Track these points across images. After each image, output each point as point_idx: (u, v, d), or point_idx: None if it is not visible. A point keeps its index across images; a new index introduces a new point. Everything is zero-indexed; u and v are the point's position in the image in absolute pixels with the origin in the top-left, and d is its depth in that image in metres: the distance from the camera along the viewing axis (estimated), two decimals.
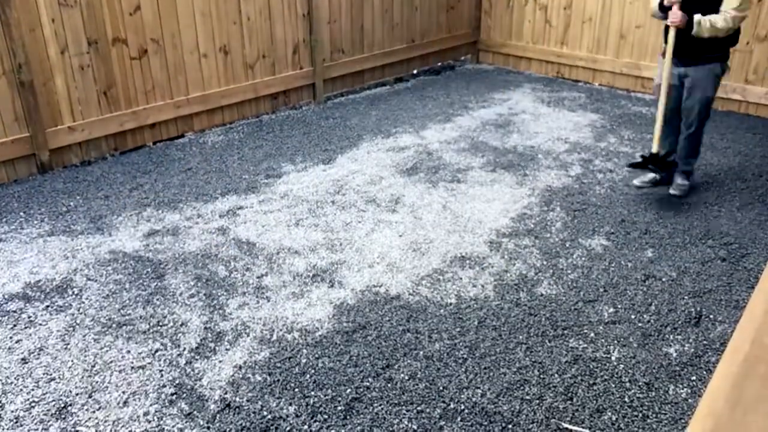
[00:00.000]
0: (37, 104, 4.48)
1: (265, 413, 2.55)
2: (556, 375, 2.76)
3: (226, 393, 2.66)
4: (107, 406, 2.60)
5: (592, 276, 3.48)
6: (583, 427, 2.49)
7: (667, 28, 4.05)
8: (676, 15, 3.89)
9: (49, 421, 2.52)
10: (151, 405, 2.60)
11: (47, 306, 3.20)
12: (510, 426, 2.49)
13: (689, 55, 4.02)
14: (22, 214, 4.11)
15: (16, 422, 2.51)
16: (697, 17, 3.84)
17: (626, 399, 2.63)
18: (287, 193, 4.41)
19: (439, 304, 3.23)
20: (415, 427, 2.49)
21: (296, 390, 2.67)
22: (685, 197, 4.34)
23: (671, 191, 4.35)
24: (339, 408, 2.58)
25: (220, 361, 2.84)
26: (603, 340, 2.98)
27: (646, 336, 3.01)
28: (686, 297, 3.31)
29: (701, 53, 4.00)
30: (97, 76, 4.78)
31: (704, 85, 4.07)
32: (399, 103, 6.32)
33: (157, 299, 3.26)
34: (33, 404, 2.60)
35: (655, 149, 4.28)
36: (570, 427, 2.49)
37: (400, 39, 7.00)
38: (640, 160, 4.36)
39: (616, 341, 2.97)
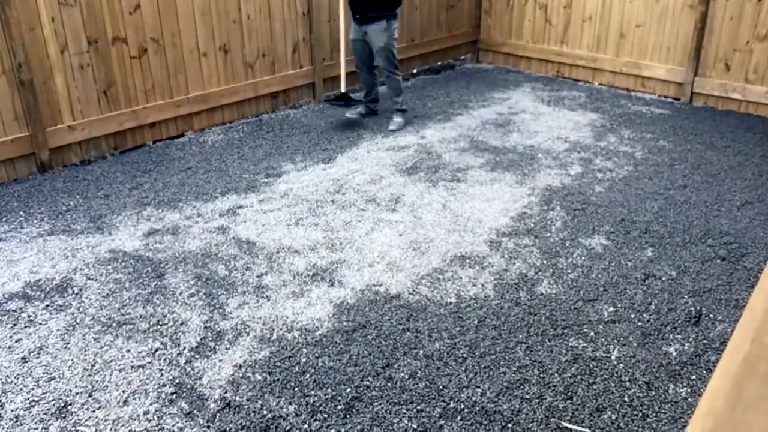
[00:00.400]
0: (37, 103, 4.48)
1: (265, 412, 2.55)
2: (556, 374, 2.76)
3: (226, 392, 2.66)
4: (107, 405, 2.60)
5: (591, 275, 3.48)
6: (583, 427, 2.49)
7: None
8: None
9: (49, 420, 2.52)
10: (151, 404, 2.60)
11: (47, 305, 3.21)
12: (510, 425, 2.49)
13: (362, 14, 5.24)
14: (22, 213, 4.11)
15: (16, 421, 2.51)
16: None
17: (626, 398, 2.63)
18: (287, 193, 4.41)
19: (439, 304, 3.23)
20: (414, 426, 2.49)
21: (296, 389, 2.67)
22: (402, 129, 5.51)
23: (390, 127, 5.54)
24: (339, 407, 2.58)
25: (220, 361, 2.84)
26: (603, 340, 2.98)
27: (646, 335, 3.01)
28: (686, 296, 3.31)
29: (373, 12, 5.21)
30: (97, 76, 4.78)
31: (380, 37, 5.28)
32: None
33: (157, 298, 3.26)
34: (33, 403, 2.60)
35: (343, 89, 5.65)
36: (570, 426, 2.49)
37: (400, 38, 6.98)
38: (335, 95, 5.70)
39: (615, 340, 2.97)
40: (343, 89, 5.66)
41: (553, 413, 2.55)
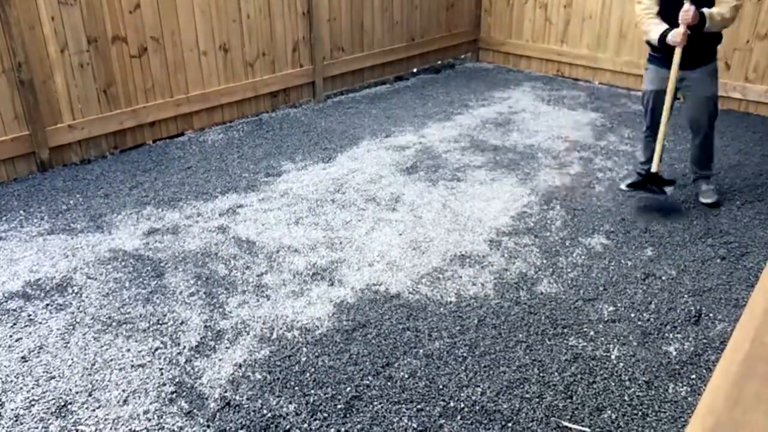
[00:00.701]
0: (37, 102, 4.48)
1: (265, 412, 2.55)
2: (556, 373, 2.76)
3: (225, 391, 2.66)
4: (107, 404, 2.60)
5: (591, 274, 3.48)
6: (582, 426, 2.49)
7: (663, 37, 3.82)
8: (689, 12, 3.69)
9: (49, 420, 2.52)
10: (151, 403, 2.60)
11: (47, 304, 3.21)
12: (509, 424, 2.49)
13: (688, 56, 3.85)
14: (21, 212, 4.11)
15: (16, 420, 2.51)
16: (706, 11, 3.74)
17: (626, 397, 2.63)
18: (287, 192, 4.41)
19: (438, 303, 3.23)
20: (414, 425, 2.49)
21: (296, 388, 2.67)
22: (720, 199, 4.25)
23: (703, 200, 4.23)
24: (339, 406, 2.58)
25: (220, 360, 2.84)
26: (603, 339, 2.98)
27: (646, 334, 3.01)
28: (686, 295, 3.31)
29: (700, 53, 3.90)
30: (96, 75, 4.78)
31: (707, 85, 4.00)
32: (399, 102, 6.32)
33: (157, 298, 3.27)
34: (33, 402, 2.60)
35: (654, 168, 4.11)
36: (570, 425, 2.49)
37: (400, 37, 6.99)
38: (638, 179, 4.29)
39: (615, 340, 2.98)
40: (654, 168, 4.12)
41: (553, 412, 2.55)
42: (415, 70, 7.39)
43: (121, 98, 4.96)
